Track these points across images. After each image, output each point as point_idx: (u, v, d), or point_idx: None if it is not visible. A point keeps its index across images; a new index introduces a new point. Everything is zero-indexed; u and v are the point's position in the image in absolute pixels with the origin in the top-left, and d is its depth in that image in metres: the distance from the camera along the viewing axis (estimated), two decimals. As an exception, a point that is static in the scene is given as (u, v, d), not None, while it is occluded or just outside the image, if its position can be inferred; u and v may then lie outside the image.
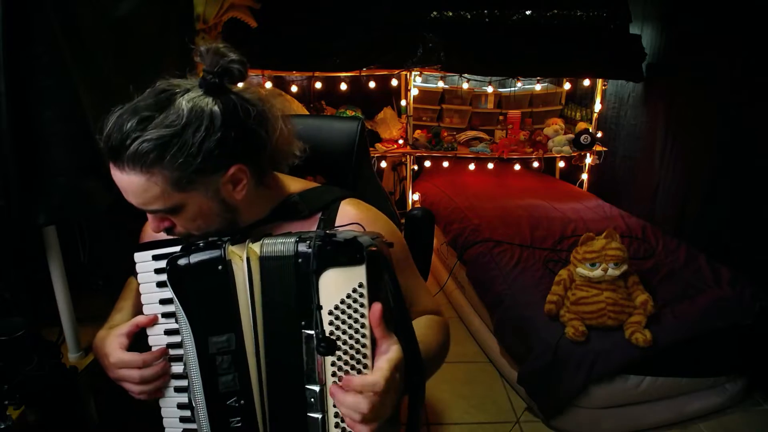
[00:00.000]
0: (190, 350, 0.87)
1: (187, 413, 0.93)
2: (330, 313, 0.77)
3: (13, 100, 1.01)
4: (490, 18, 3.19)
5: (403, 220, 1.47)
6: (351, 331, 0.77)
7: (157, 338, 0.95)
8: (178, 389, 0.95)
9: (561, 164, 3.99)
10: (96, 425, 1.26)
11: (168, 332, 0.94)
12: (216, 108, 0.84)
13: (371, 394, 0.74)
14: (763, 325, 2.20)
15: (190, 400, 0.90)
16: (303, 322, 0.80)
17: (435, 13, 3.17)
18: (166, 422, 0.96)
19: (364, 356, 0.77)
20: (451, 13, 3.18)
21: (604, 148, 3.62)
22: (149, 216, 0.91)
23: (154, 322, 0.94)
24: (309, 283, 0.77)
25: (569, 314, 2.16)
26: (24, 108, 1.04)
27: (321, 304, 0.77)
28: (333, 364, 0.78)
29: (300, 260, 0.80)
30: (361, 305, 0.76)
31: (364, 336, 0.77)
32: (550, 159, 3.90)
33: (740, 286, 2.34)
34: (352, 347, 0.77)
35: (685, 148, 3.05)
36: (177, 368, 0.94)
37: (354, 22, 3.15)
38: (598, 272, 2.17)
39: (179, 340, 0.92)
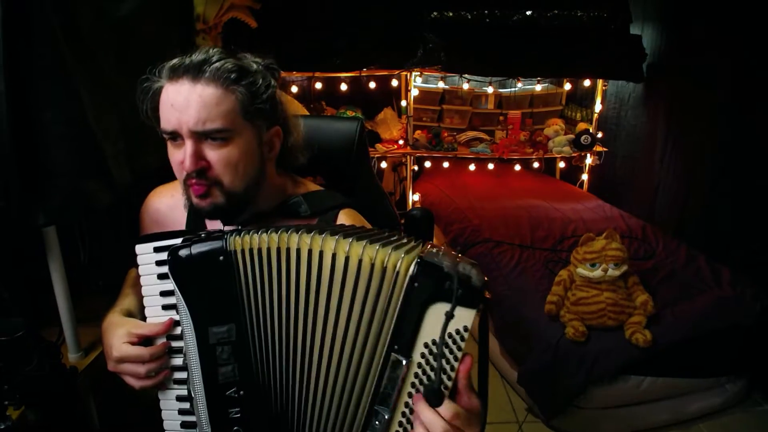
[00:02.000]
0: (190, 341, 0.87)
1: (186, 405, 0.93)
2: (425, 345, 0.75)
3: (13, 100, 1.01)
4: (490, 18, 3.19)
5: (402, 221, 1.47)
6: (438, 368, 0.74)
7: None
8: (177, 381, 0.95)
9: (561, 165, 3.99)
10: (96, 425, 1.26)
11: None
12: (270, 78, 0.97)
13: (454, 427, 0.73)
14: (763, 325, 2.20)
15: (189, 391, 0.90)
16: (396, 346, 0.77)
17: (435, 13, 3.17)
18: (164, 414, 0.96)
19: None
20: (451, 13, 3.18)
21: (605, 149, 3.61)
22: (189, 152, 0.89)
23: (169, 325, 0.93)
24: (420, 313, 0.74)
25: (569, 314, 2.16)
26: (24, 108, 1.04)
27: (420, 334, 0.75)
28: (409, 395, 0.76)
29: (416, 284, 0.75)
30: (458, 348, 0.73)
31: (450, 379, 0.74)
32: (550, 159, 3.89)
33: (741, 286, 2.34)
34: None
35: (686, 148, 3.05)
36: (177, 360, 0.94)
37: (354, 22, 3.15)
38: (598, 273, 2.16)
39: (180, 332, 0.92)
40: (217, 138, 0.90)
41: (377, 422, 0.78)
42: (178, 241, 0.90)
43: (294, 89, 3.58)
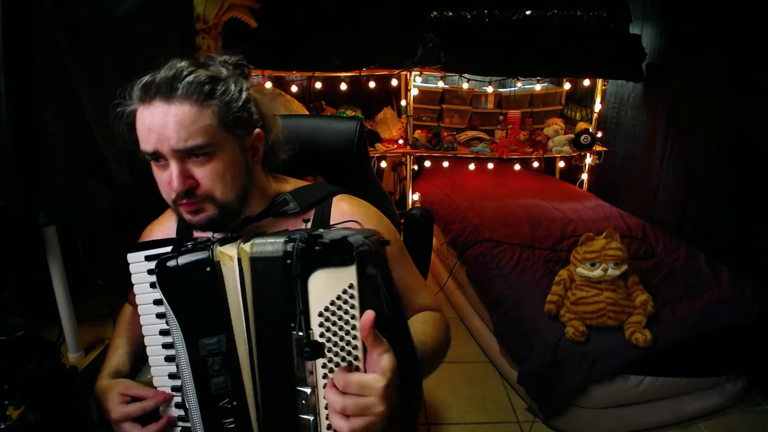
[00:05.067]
0: (181, 352, 0.87)
1: (182, 412, 0.94)
2: (320, 314, 0.75)
3: (13, 100, 1.01)
4: (490, 18, 3.19)
5: (402, 220, 1.47)
6: (342, 333, 0.74)
7: (153, 338, 0.95)
8: (176, 389, 0.95)
9: (561, 164, 3.99)
10: (96, 425, 1.26)
11: (163, 332, 0.94)
12: (242, 79, 0.96)
13: (365, 397, 0.72)
14: (763, 325, 2.20)
15: (183, 401, 0.90)
16: (292, 324, 0.78)
17: (435, 13, 3.17)
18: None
19: (356, 358, 0.74)
20: (451, 13, 3.18)
21: (604, 148, 3.62)
22: (175, 173, 0.88)
23: (163, 400, 0.95)
24: (295, 285, 0.76)
25: (569, 314, 2.16)
26: (24, 108, 1.04)
27: (310, 306, 0.75)
28: (324, 366, 0.76)
29: (288, 261, 0.78)
30: (352, 307, 0.73)
31: (355, 338, 0.74)
32: (550, 159, 3.89)
33: (740, 286, 2.34)
34: (343, 349, 0.75)
35: (685, 148, 3.05)
36: (170, 368, 0.94)
37: (354, 22, 3.15)
38: (598, 272, 2.16)
39: (171, 341, 0.92)
40: (201, 154, 0.89)
41: (303, 401, 0.79)
42: (170, 249, 0.90)
43: (294, 89, 3.59)
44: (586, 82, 3.58)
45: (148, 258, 0.94)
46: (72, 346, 1.28)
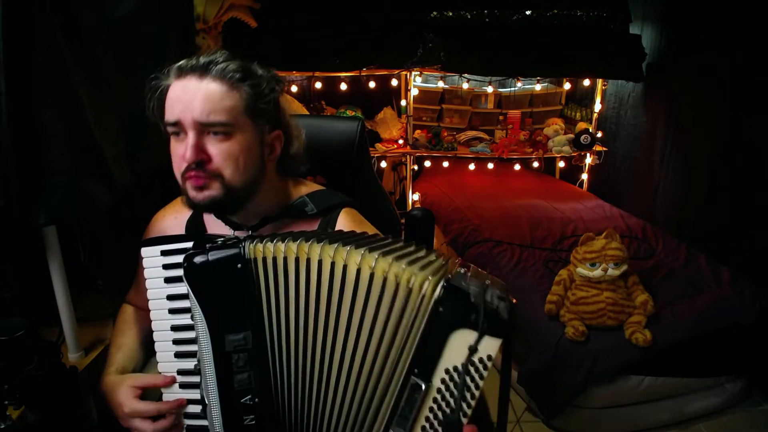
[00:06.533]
0: (205, 347, 0.86)
1: (194, 409, 0.94)
2: (446, 371, 0.72)
3: (13, 100, 1.01)
4: (490, 18, 3.19)
5: (403, 220, 1.47)
6: (458, 396, 0.72)
7: (163, 334, 0.95)
8: (186, 385, 0.95)
9: (561, 164, 3.99)
10: (96, 425, 1.26)
11: (174, 328, 0.94)
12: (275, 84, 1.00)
13: None
14: (763, 325, 2.20)
15: (201, 396, 0.90)
16: (416, 369, 0.75)
17: (435, 13, 3.17)
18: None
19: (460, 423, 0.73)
20: (451, 13, 3.17)
21: (604, 148, 3.62)
22: (191, 143, 0.90)
23: (171, 383, 0.96)
24: (443, 338, 0.71)
25: (569, 314, 2.16)
26: (24, 108, 1.04)
27: (442, 358, 0.72)
28: (427, 419, 0.74)
29: (441, 309, 0.73)
30: (480, 377, 0.71)
31: (469, 406, 0.71)
32: (550, 159, 3.89)
33: (740, 286, 2.34)
34: (453, 411, 0.73)
35: (685, 148, 3.05)
36: (185, 365, 0.94)
37: (354, 22, 3.15)
38: (598, 272, 2.16)
39: (187, 336, 0.93)
40: (219, 132, 0.91)
41: None
42: (187, 245, 0.90)
43: (294, 89, 3.58)
44: (586, 82, 3.58)
45: (164, 253, 0.94)
46: (72, 346, 1.28)
